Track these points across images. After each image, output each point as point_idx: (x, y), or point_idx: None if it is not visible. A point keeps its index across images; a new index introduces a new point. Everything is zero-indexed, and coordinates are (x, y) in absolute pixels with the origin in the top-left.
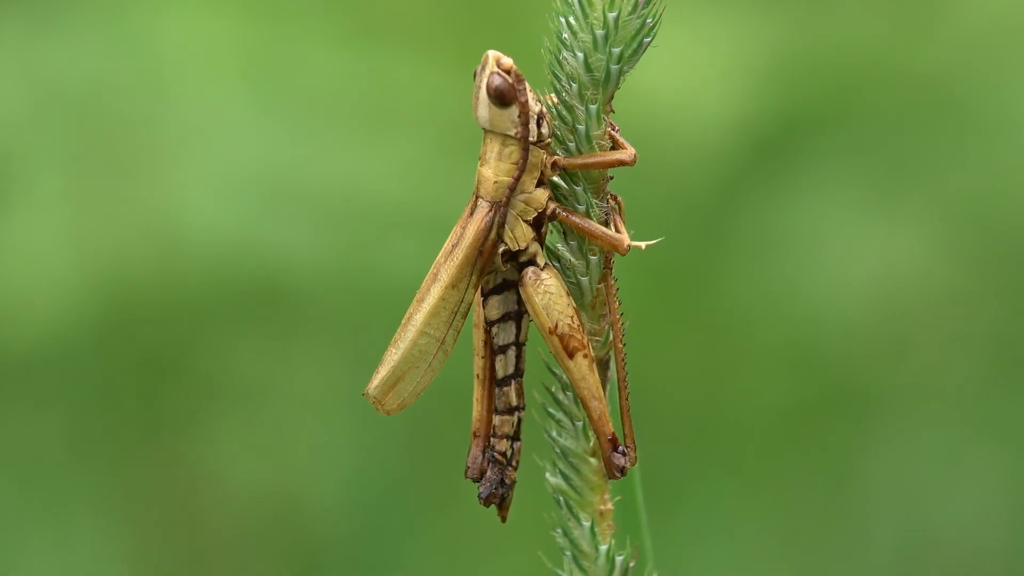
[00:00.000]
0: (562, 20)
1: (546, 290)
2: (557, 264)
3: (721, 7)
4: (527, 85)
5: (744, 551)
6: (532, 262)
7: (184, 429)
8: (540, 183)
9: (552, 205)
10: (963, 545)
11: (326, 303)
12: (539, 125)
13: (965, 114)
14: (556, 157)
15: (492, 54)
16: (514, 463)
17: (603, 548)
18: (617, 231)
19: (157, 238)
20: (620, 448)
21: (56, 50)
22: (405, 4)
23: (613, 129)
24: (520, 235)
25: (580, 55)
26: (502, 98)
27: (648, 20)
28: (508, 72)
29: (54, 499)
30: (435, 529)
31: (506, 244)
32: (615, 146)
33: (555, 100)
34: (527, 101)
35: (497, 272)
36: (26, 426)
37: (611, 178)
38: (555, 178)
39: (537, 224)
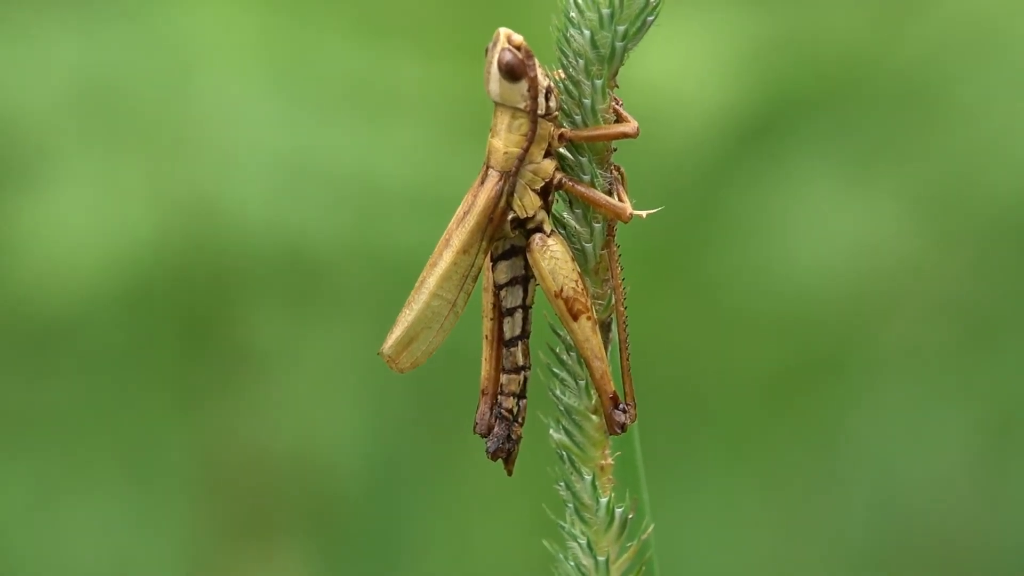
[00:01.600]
0: (569, 0)
1: (552, 256)
2: (563, 231)
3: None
4: (536, 61)
5: (731, 507)
6: (539, 229)
7: (211, 391)
8: (547, 154)
9: (559, 175)
10: (933, 497)
11: (343, 274)
12: (547, 99)
13: (938, 100)
14: (563, 129)
15: (503, 31)
16: (520, 420)
17: (603, 501)
18: (620, 200)
19: (188, 213)
20: (621, 406)
21: (94, 42)
22: (424, 25)
23: (617, 103)
24: (528, 203)
25: (587, 33)
26: (512, 73)
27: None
28: (518, 48)
29: (85, 457)
30: (444, 483)
31: (515, 212)
32: (619, 119)
33: (562, 75)
34: (536, 76)
35: (506, 238)
36: (62, 388)
37: (615, 150)
38: (562, 149)
39: (544, 193)
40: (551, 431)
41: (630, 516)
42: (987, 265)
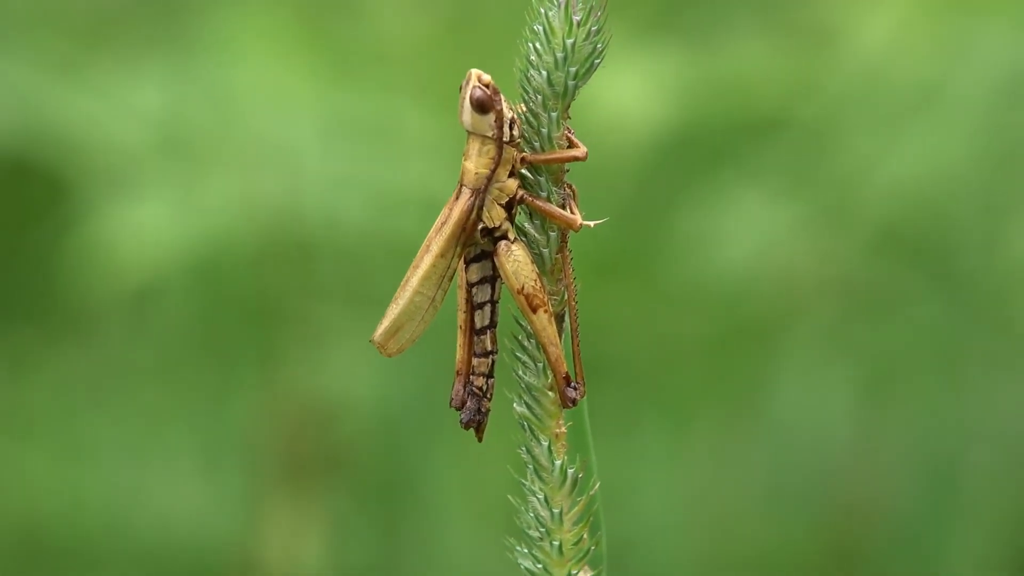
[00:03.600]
0: (530, 45)
1: (515, 259)
2: (524, 238)
3: (654, 47)
4: (502, 96)
5: (668, 454)
6: (504, 237)
7: (271, 355)
8: (511, 174)
9: (521, 192)
10: (827, 436)
11: (374, 263)
12: (511, 128)
13: (833, 133)
14: (524, 154)
15: (474, 72)
16: (488, 396)
17: (558, 463)
18: (572, 213)
19: (251, 214)
20: (572, 384)
21: (174, 92)
22: (414, 63)
23: (569, 132)
24: (495, 215)
25: (544, 73)
26: (482, 107)
27: (598, 46)
28: (487, 86)
29: (167, 402)
30: (442, 424)
31: (484, 222)
32: (571, 145)
33: (524, 108)
34: (502, 109)
35: (477, 244)
36: (149, 349)
37: (568, 171)
38: (523, 170)
39: (509, 207)
40: (514, 405)
41: (580, 475)
42: (867, 258)
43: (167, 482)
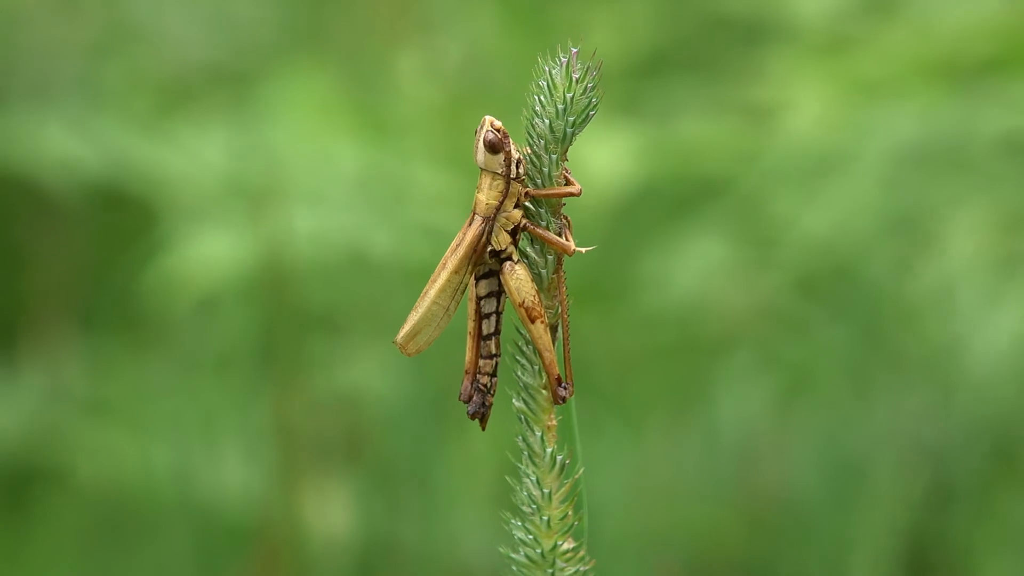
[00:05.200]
0: (535, 98)
1: (518, 277)
2: (526, 260)
3: (622, 124)
4: (511, 139)
5: (626, 456)
6: (509, 258)
7: (306, 356)
8: (517, 206)
9: (524, 220)
10: (751, 431)
11: (389, 280)
12: (518, 167)
13: (767, 186)
14: (528, 189)
15: (488, 118)
16: (492, 392)
17: (549, 450)
18: (567, 240)
19: (299, 244)
20: (563, 384)
21: (230, 149)
22: (431, 129)
23: (567, 172)
24: (502, 240)
25: (547, 121)
26: (493, 148)
27: (593, 100)
28: (498, 130)
29: (218, 396)
30: (448, 414)
31: (492, 245)
32: (568, 183)
33: (529, 151)
34: (510, 150)
35: (485, 264)
36: (210, 351)
37: (564, 204)
38: (527, 203)
39: (513, 233)
40: (513, 400)
41: (567, 462)
42: (790, 291)
43: (219, 457)
